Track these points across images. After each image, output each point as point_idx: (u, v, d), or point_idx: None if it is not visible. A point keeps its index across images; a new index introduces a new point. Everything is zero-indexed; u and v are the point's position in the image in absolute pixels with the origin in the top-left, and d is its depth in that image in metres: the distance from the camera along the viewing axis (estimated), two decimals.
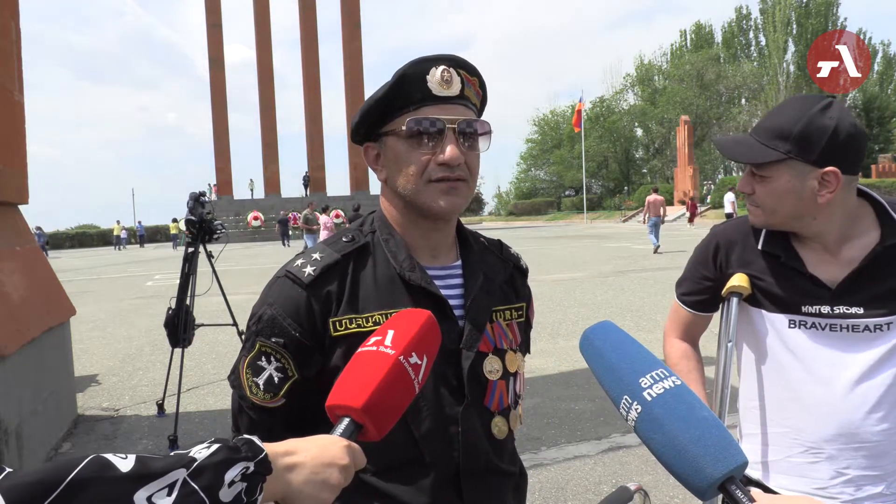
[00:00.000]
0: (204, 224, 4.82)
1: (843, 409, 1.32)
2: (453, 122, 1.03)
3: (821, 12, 46.72)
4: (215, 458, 0.64)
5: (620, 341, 0.86)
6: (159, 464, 0.60)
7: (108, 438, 4.60)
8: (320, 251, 1.08)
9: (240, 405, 1.08)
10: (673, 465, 0.74)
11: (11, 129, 4.54)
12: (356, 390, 0.78)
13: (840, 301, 1.33)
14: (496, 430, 1.10)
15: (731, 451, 0.71)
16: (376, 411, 0.78)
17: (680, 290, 1.60)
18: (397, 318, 0.88)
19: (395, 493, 1.03)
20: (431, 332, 0.88)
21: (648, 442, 0.77)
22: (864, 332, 1.32)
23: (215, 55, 42.23)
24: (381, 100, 1.04)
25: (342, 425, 0.78)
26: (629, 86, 57.31)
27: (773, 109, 1.36)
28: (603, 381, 0.84)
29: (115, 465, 0.58)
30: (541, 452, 3.97)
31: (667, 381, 0.78)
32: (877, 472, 1.33)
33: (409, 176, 1.04)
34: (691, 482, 0.72)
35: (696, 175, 39.64)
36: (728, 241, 1.47)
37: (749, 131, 1.37)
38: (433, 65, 1.03)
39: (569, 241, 24.63)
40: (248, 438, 0.69)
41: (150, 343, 7.89)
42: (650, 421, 0.76)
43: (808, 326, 1.35)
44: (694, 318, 1.58)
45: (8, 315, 3.83)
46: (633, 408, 0.78)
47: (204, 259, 4.88)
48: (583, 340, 0.90)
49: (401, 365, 0.81)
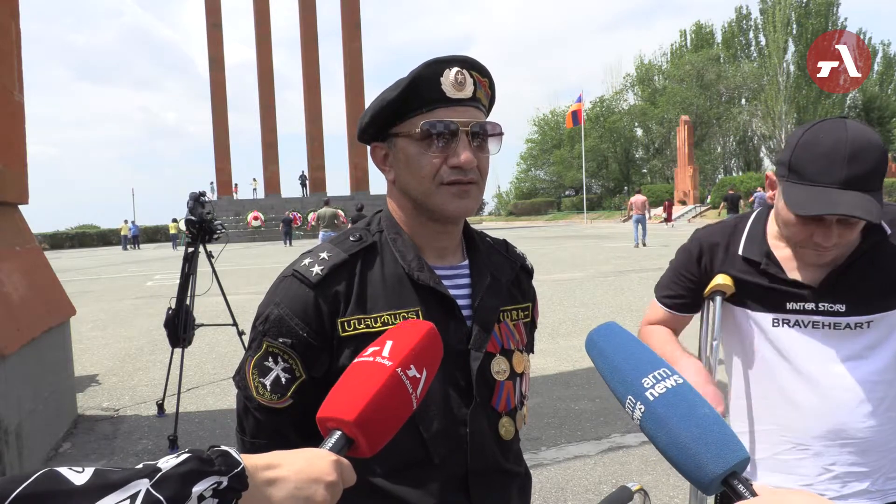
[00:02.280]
0: (204, 224, 4.81)
1: (828, 405, 1.34)
2: (466, 124, 1.02)
3: (821, 12, 46.68)
4: (182, 469, 0.59)
5: (624, 342, 0.86)
6: (119, 475, 0.56)
7: (108, 438, 4.60)
8: (327, 250, 1.06)
9: (245, 406, 1.07)
10: (677, 461, 0.75)
11: (11, 129, 4.54)
12: (349, 402, 0.74)
13: (823, 298, 1.35)
14: (503, 430, 1.09)
15: (732, 447, 0.73)
16: (369, 426, 0.74)
17: (661, 292, 1.61)
18: (397, 329, 0.85)
19: (403, 495, 1.02)
20: (432, 345, 0.85)
21: (653, 440, 0.78)
22: (844, 329, 1.35)
23: (215, 55, 42.22)
24: (394, 101, 1.03)
25: (332, 439, 0.74)
26: (629, 86, 57.28)
27: (849, 153, 1.21)
28: (609, 382, 0.85)
29: (68, 479, 0.54)
30: (541, 452, 3.97)
31: (669, 381, 0.79)
32: (862, 469, 1.35)
33: (421, 178, 1.04)
34: (695, 478, 0.74)
35: (696, 175, 39.65)
36: (711, 245, 1.49)
37: (844, 183, 1.20)
38: (447, 66, 1.02)
39: (569, 241, 24.62)
40: (224, 450, 0.64)
41: (150, 343, 7.89)
42: (654, 420, 0.77)
43: (792, 324, 1.37)
44: (672, 317, 1.60)
45: (8, 315, 3.83)
46: (637, 407, 0.79)
47: (204, 259, 4.88)
48: (588, 342, 0.91)
49: (398, 377, 0.77)
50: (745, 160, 53.19)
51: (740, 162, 53.88)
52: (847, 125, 1.24)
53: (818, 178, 1.23)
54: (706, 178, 48.23)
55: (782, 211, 1.32)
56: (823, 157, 1.23)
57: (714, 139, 52.35)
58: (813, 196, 1.23)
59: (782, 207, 1.32)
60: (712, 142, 52.24)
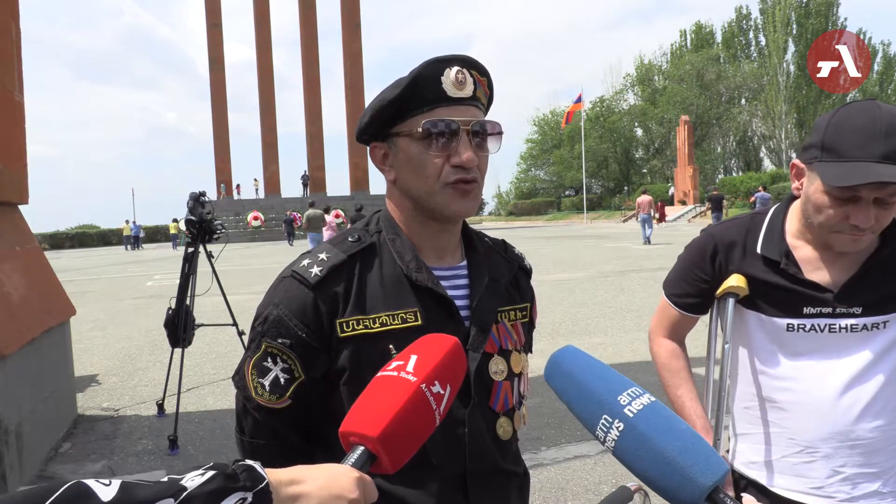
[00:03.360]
0: (204, 224, 4.81)
1: (838, 408, 1.32)
2: (467, 123, 1.02)
3: (821, 12, 46.70)
4: (208, 487, 0.59)
5: (589, 363, 0.85)
6: (145, 492, 0.56)
7: (108, 438, 4.59)
8: (326, 251, 1.07)
9: (244, 406, 1.08)
10: (660, 479, 0.73)
11: (11, 129, 4.54)
12: (373, 418, 0.73)
13: (841, 302, 1.32)
14: (501, 430, 1.09)
15: (716, 460, 0.72)
16: (393, 442, 0.73)
17: (671, 290, 1.56)
18: (422, 343, 0.83)
19: (401, 495, 1.02)
20: (457, 360, 0.83)
21: (632, 460, 0.76)
22: (861, 331, 1.32)
23: (215, 55, 42.24)
24: (394, 100, 1.03)
25: (355, 454, 0.72)
26: (629, 86, 57.28)
27: (885, 128, 1.20)
28: (575, 404, 0.83)
29: (95, 493, 0.54)
30: (541, 452, 3.97)
31: (643, 398, 0.78)
32: (873, 470, 1.33)
33: (424, 178, 1.03)
34: (680, 495, 0.72)
35: (696, 175, 39.64)
36: (728, 243, 1.44)
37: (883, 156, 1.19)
38: (447, 66, 1.02)
39: (569, 241, 24.62)
40: (248, 465, 0.64)
41: (150, 343, 7.89)
42: (634, 437, 0.76)
43: (808, 329, 1.34)
44: (684, 318, 1.56)
45: (8, 315, 3.83)
46: (615, 426, 0.77)
47: (204, 259, 4.88)
48: (550, 366, 0.88)
49: (422, 393, 0.76)
50: (745, 160, 53.22)
51: (740, 162, 53.90)
52: (879, 104, 1.22)
53: (856, 153, 1.20)
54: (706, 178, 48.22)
55: (814, 195, 1.27)
56: (859, 133, 1.20)
57: (714, 139, 52.36)
58: (852, 169, 1.19)
59: (814, 191, 1.27)
60: (712, 142, 52.26)
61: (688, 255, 1.52)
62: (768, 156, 52.29)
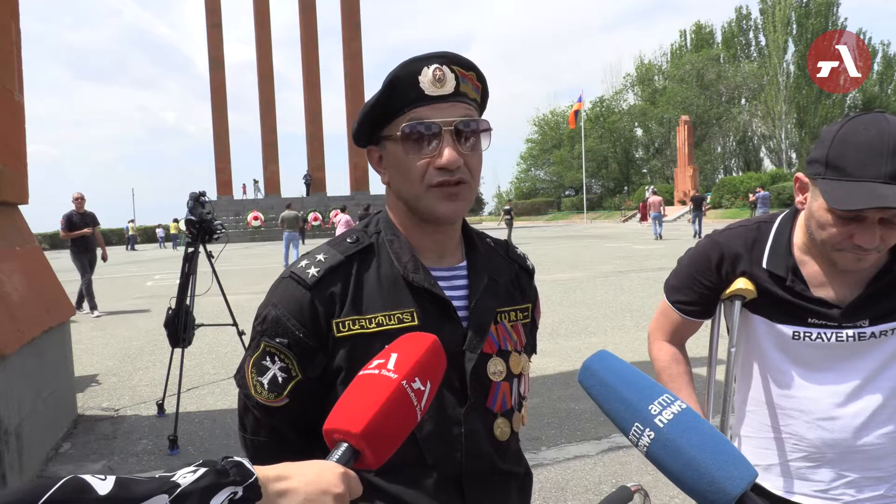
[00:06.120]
0: (204, 224, 4.82)
1: (845, 416, 1.31)
2: (449, 123, 1.00)
3: (821, 12, 46.71)
4: (201, 483, 0.60)
5: (622, 370, 0.86)
6: (141, 488, 0.57)
7: (107, 438, 4.59)
8: (324, 252, 1.07)
9: (245, 404, 1.09)
10: (692, 484, 0.75)
11: (11, 129, 4.54)
12: (355, 415, 0.75)
13: (848, 318, 1.30)
14: (498, 431, 1.09)
15: (745, 467, 0.74)
16: (375, 438, 0.75)
17: (674, 296, 1.52)
18: (401, 342, 0.85)
19: (397, 494, 1.02)
20: (437, 357, 0.85)
21: (664, 465, 0.78)
22: (870, 339, 1.31)
23: (215, 55, 42.20)
24: (375, 105, 1.03)
25: (339, 451, 0.75)
26: (629, 86, 57.30)
27: (894, 145, 1.14)
28: (609, 410, 0.85)
29: (92, 487, 0.55)
30: (541, 452, 3.97)
31: (674, 406, 0.80)
32: (879, 474, 1.33)
33: (409, 181, 1.03)
34: (710, 500, 0.74)
35: (696, 175, 39.64)
36: (734, 255, 1.41)
37: (890, 176, 1.13)
38: (424, 64, 1.01)
39: (569, 240, 24.62)
40: (237, 461, 0.65)
41: (150, 343, 7.89)
42: (664, 446, 0.77)
43: (814, 337, 1.32)
44: (687, 323, 1.53)
45: (8, 315, 3.83)
46: (646, 434, 0.79)
47: (204, 259, 4.88)
48: (584, 371, 0.90)
49: (403, 390, 0.78)
50: (745, 160, 53.21)
51: (740, 162, 53.89)
52: (888, 117, 1.17)
53: (861, 173, 1.14)
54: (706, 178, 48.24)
55: (817, 212, 1.23)
56: (866, 151, 1.14)
57: (714, 139, 52.37)
58: (856, 190, 1.13)
59: (817, 208, 1.23)
60: (712, 142, 52.27)
61: (692, 262, 1.49)
62: (768, 156, 52.32)
